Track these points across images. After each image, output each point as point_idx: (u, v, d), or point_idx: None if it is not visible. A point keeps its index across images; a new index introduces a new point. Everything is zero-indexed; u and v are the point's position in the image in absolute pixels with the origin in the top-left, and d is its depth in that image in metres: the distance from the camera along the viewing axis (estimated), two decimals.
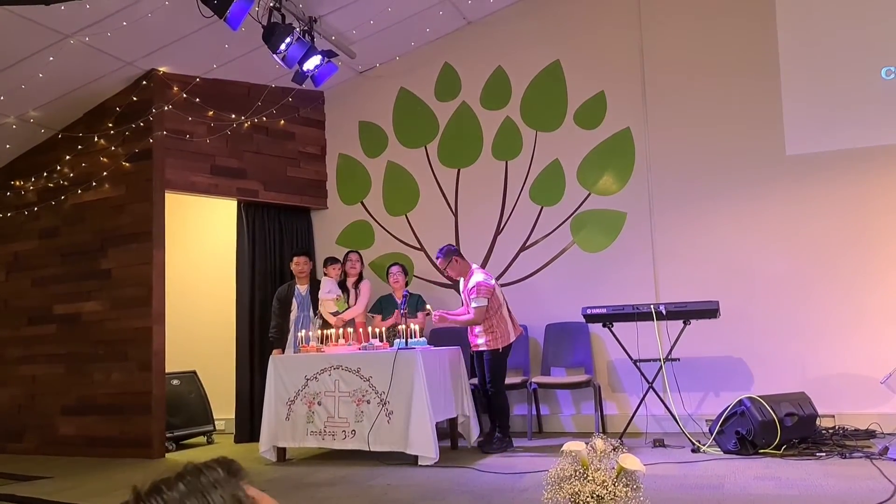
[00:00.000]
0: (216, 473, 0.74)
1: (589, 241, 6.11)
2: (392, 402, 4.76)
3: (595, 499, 2.62)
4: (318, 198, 7.00)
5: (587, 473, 2.67)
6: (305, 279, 6.21)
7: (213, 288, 7.18)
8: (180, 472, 0.74)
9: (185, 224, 7.32)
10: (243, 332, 6.48)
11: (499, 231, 6.42)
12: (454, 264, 5.41)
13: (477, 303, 5.21)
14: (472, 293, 5.23)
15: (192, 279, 7.33)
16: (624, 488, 2.63)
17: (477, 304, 5.21)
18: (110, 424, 5.82)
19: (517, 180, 6.39)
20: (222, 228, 7.15)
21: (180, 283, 7.03)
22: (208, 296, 7.22)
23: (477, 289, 5.21)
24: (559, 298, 6.09)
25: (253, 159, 6.54)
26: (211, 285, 7.23)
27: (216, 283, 7.13)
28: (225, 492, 0.72)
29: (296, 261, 6.20)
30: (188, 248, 7.41)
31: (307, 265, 6.21)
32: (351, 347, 5.21)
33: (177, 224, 6.81)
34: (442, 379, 5.02)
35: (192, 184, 6.14)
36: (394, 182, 6.82)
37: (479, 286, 5.23)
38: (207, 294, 7.23)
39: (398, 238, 6.75)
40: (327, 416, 4.94)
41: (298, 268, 6.18)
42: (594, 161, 6.14)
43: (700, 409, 5.57)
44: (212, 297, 7.17)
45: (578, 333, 5.96)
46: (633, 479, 2.68)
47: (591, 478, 2.65)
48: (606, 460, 2.70)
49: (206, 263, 7.37)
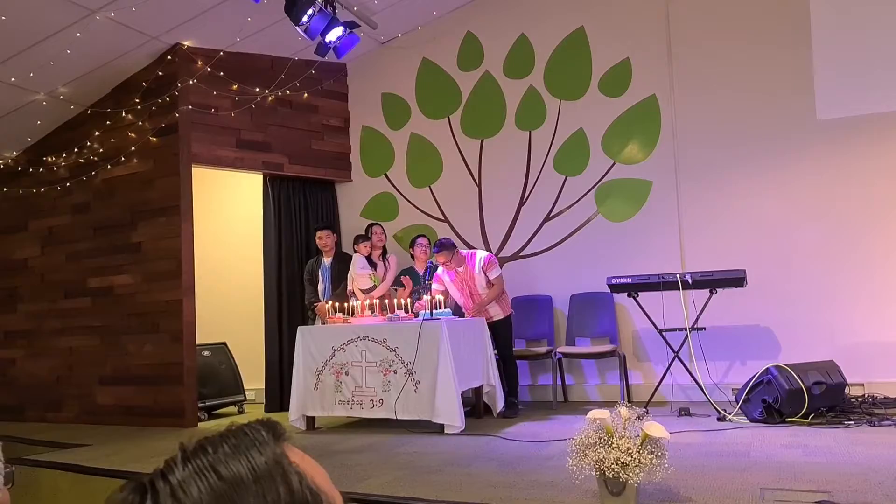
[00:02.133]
0: (260, 435, 0.74)
1: (614, 211, 6.07)
2: (418, 372, 4.79)
3: (620, 465, 2.61)
4: (342, 170, 7.02)
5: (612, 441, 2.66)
6: (331, 252, 6.27)
7: (241, 261, 7.25)
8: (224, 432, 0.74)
9: (211, 198, 7.38)
10: (271, 304, 6.54)
11: (522, 201, 6.40)
12: (457, 256, 5.44)
13: (496, 272, 5.44)
14: (489, 268, 5.40)
15: (220, 252, 7.41)
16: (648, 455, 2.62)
17: (499, 272, 5.45)
18: (145, 394, 5.94)
19: (541, 150, 6.35)
20: (248, 202, 7.20)
21: (209, 257, 7.10)
22: (236, 269, 7.30)
23: (490, 261, 5.42)
24: (584, 268, 6.07)
25: (277, 133, 6.55)
26: (238, 258, 7.30)
27: (244, 257, 7.20)
28: (267, 454, 0.72)
29: (319, 235, 6.26)
30: (215, 221, 7.48)
31: (330, 238, 6.25)
32: (376, 318, 5.24)
33: (204, 198, 6.86)
34: (467, 349, 5.04)
35: (218, 158, 6.18)
36: (417, 154, 6.82)
37: (490, 259, 5.44)
38: (235, 267, 7.31)
39: (422, 210, 6.76)
40: (355, 385, 5.00)
41: (322, 241, 6.24)
42: (619, 129, 6.07)
43: (726, 378, 5.54)
44: (240, 270, 7.25)
45: (603, 303, 5.95)
46: (658, 446, 2.67)
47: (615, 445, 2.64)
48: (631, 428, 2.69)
49: (233, 237, 7.44)
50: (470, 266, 5.47)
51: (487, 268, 5.41)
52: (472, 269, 5.46)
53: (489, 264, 5.43)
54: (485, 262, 5.43)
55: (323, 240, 6.24)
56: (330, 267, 6.26)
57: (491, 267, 5.43)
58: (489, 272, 5.42)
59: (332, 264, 6.26)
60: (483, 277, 5.45)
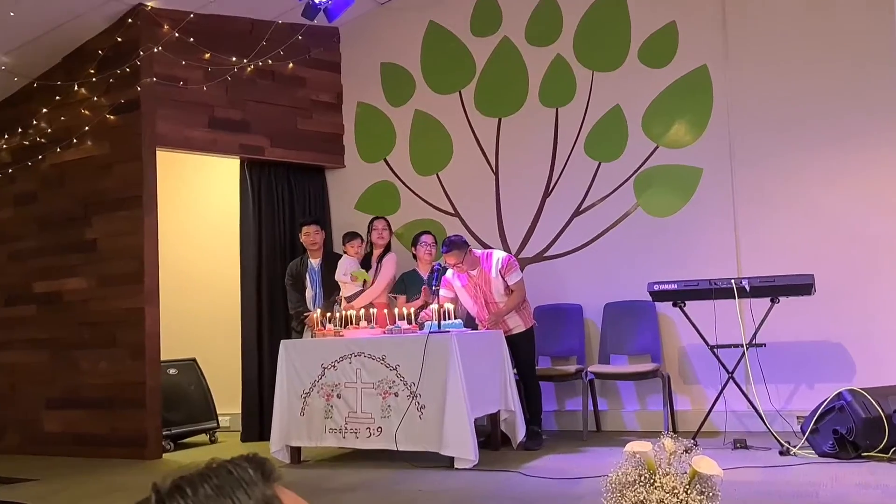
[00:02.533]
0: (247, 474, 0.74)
1: (656, 204, 6.07)
2: (424, 395, 4.81)
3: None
4: (333, 155, 7.04)
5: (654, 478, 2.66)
6: (318, 251, 6.30)
7: (214, 262, 7.28)
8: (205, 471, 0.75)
9: (179, 187, 7.40)
10: (249, 314, 6.58)
11: (548, 192, 6.41)
12: (470, 257, 5.45)
13: (517, 276, 5.46)
14: (508, 271, 5.41)
15: (190, 252, 7.43)
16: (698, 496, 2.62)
17: (519, 276, 5.47)
18: (100, 420, 5.98)
19: (570, 131, 6.35)
20: (223, 192, 7.22)
21: (176, 257, 7.13)
22: (208, 271, 7.33)
23: (509, 264, 5.44)
24: (620, 272, 6.07)
25: (257, 110, 6.58)
26: (211, 259, 7.33)
27: (217, 256, 7.23)
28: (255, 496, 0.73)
29: (305, 231, 6.29)
30: (184, 215, 7.50)
31: (318, 235, 6.30)
32: (374, 331, 5.26)
33: (170, 187, 6.89)
34: (481, 368, 5.06)
35: (188, 139, 6.21)
36: (423, 135, 6.83)
37: (510, 260, 5.47)
38: (207, 269, 7.34)
39: (428, 202, 6.78)
40: (348, 410, 5.02)
41: (309, 239, 6.27)
42: (663, 106, 6.08)
43: (790, 404, 5.55)
44: (212, 272, 7.28)
45: (644, 314, 5.95)
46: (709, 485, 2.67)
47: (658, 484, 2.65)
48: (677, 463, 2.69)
49: (205, 233, 7.47)
50: (485, 269, 5.50)
51: (506, 271, 5.45)
52: (488, 272, 5.49)
53: (508, 267, 5.46)
54: (503, 265, 5.46)
55: (310, 237, 6.27)
56: (319, 269, 6.28)
57: (510, 270, 5.46)
58: (508, 276, 5.45)
59: (321, 266, 6.29)
60: (500, 282, 5.48)
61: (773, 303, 5.05)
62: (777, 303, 5.05)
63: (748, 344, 5.04)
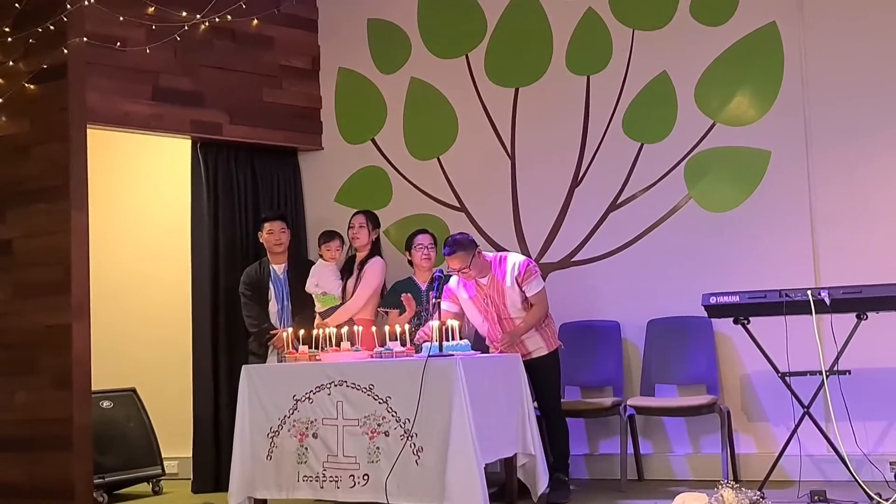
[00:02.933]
0: None
1: (712, 196, 6.05)
2: (421, 435, 4.77)
3: None
4: (308, 134, 7.02)
5: None
6: (282, 255, 6.31)
7: (160, 268, 7.27)
8: None
9: (116, 175, 7.38)
10: (203, 333, 6.55)
11: (577, 181, 6.38)
12: (478, 260, 5.45)
13: (537, 286, 5.47)
14: (527, 279, 5.42)
15: (129, 256, 7.41)
16: None
17: (540, 287, 5.48)
18: (15, 465, 5.89)
19: (604, 104, 6.33)
20: (171, 181, 7.20)
21: (111, 262, 7.10)
22: (153, 280, 7.31)
23: (527, 270, 5.46)
24: (668, 281, 6.07)
25: (213, 78, 6.55)
26: (156, 265, 7.31)
27: (164, 262, 7.22)
28: None
29: (267, 228, 6.31)
30: (122, 210, 7.47)
31: (284, 234, 6.30)
32: (359, 354, 5.22)
33: (105, 175, 6.85)
34: (494, 401, 5.01)
35: (126, 115, 6.17)
36: (420, 109, 6.82)
37: (528, 266, 5.48)
38: (151, 277, 7.32)
39: (427, 193, 6.77)
40: (327, 453, 4.97)
41: (272, 238, 6.28)
42: (721, 74, 6.06)
43: (880, 446, 5.54)
44: (158, 281, 7.26)
45: (697, 333, 5.94)
46: None
47: None
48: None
49: (148, 233, 7.45)
50: (498, 276, 5.48)
51: (523, 279, 5.44)
52: (501, 280, 5.47)
53: (526, 274, 5.44)
54: (519, 271, 5.44)
55: (274, 235, 6.27)
56: (286, 277, 6.29)
57: (529, 277, 5.44)
58: (526, 285, 5.44)
59: (287, 273, 6.29)
60: (517, 293, 5.46)
61: (859, 319, 5.02)
62: (865, 319, 5.02)
63: (829, 371, 5.01)
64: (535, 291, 5.45)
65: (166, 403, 6.70)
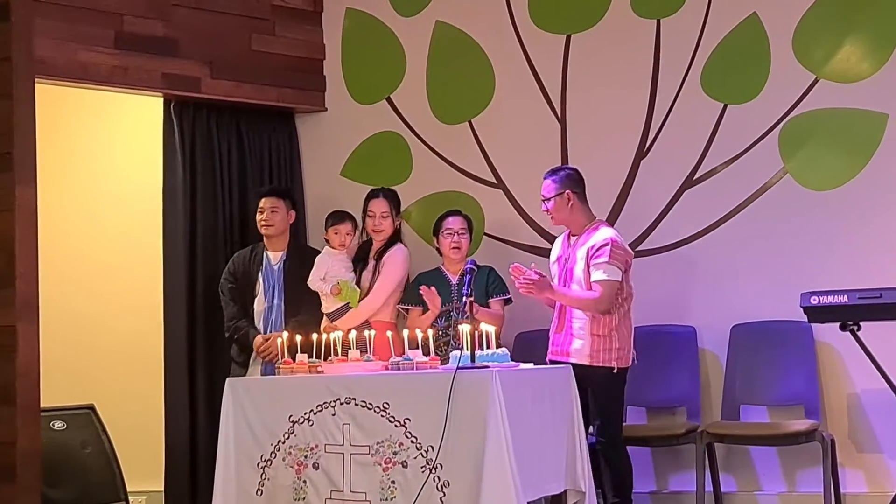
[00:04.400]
0: None
1: (814, 169, 6.05)
2: (447, 467, 4.75)
3: None
4: (308, 91, 7.07)
5: None
6: (279, 240, 6.37)
7: (124, 257, 7.32)
8: None
9: (71, 141, 7.43)
10: (177, 337, 6.60)
11: (643, 151, 6.40)
12: (564, 202, 5.52)
13: (608, 273, 5.36)
14: (600, 255, 5.36)
15: (87, 241, 7.47)
16: None
17: (608, 276, 5.36)
18: None
19: (679, 56, 6.33)
20: (138, 148, 7.25)
21: (65, 249, 7.15)
22: (116, 271, 7.36)
23: (611, 249, 5.37)
24: (757, 277, 6.07)
25: (190, 21, 6.61)
26: (120, 252, 7.36)
27: (129, 248, 7.28)
28: None
29: (261, 206, 6.34)
30: (78, 184, 7.52)
31: (276, 213, 6.33)
32: (370, 365, 5.23)
33: (57, 141, 6.89)
34: (539, 424, 5.00)
35: (83, 67, 6.22)
36: (448, 61, 6.86)
37: (613, 244, 5.39)
38: (114, 267, 7.37)
39: (455, 165, 6.80)
40: (331, 488, 4.97)
41: (266, 219, 6.32)
42: (826, 17, 6.03)
43: None
44: (122, 272, 7.32)
45: (794, 342, 5.93)
46: None
47: None
48: None
49: (110, 212, 7.49)
50: (581, 242, 5.54)
51: (594, 255, 5.40)
52: (578, 247, 5.53)
53: (600, 252, 5.38)
54: (597, 245, 5.41)
55: (263, 214, 6.32)
56: (281, 268, 6.32)
57: (601, 257, 5.37)
58: (593, 263, 5.39)
59: (284, 263, 6.33)
60: (583, 271, 5.45)
61: None
62: None
63: None
64: (598, 279, 5.33)
65: (132, 424, 6.73)
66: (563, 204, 5.53)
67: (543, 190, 5.61)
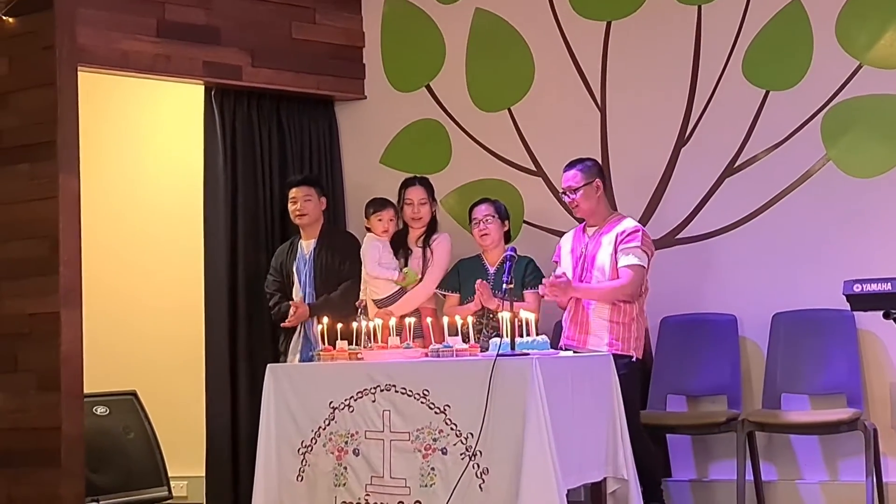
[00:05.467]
0: None
1: (857, 157, 6.01)
2: (487, 454, 4.77)
3: None
4: (348, 79, 7.07)
5: None
6: (312, 228, 6.39)
7: (166, 244, 7.36)
8: None
9: (112, 130, 7.47)
10: (218, 324, 6.62)
11: (684, 139, 6.38)
12: (594, 191, 5.56)
13: (639, 258, 5.45)
14: (631, 240, 5.45)
15: (129, 229, 7.51)
16: None
17: (639, 261, 5.45)
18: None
19: (720, 41, 6.31)
20: (179, 135, 7.28)
21: (107, 237, 7.20)
22: (158, 259, 7.39)
23: (634, 233, 5.48)
24: (799, 264, 6.05)
25: (232, 10, 6.62)
26: (162, 240, 7.40)
27: (170, 236, 7.31)
28: None
29: (293, 196, 6.36)
30: (120, 172, 7.56)
31: (308, 202, 6.33)
32: (410, 352, 5.24)
33: (99, 130, 6.93)
34: (579, 411, 5.00)
35: (125, 56, 6.23)
36: (488, 48, 6.85)
37: (641, 232, 5.48)
38: (156, 255, 7.41)
39: (494, 152, 6.80)
40: (371, 474, 5.00)
41: (295, 208, 6.34)
42: (866, 4, 5.99)
43: None
44: (164, 260, 7.35)
45: (836, 331, 5.89)
46: None
47: None
48: None
49: (152, 200, 7.53)
50: (604, 232, 5.58)
51: (624, 241, 5.47)
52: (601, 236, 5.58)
53: (630, 237, 5.46)
54: (626, 232, 5.48)
55: (296, 204, 6.33)
56: (313, 256, 6.34)
57: (631, 242, 5.45)
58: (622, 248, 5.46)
59: (316, 251, 6.34)
60: (610, 258, 5.49)
61: None
62: None
63: None
64: (629, 262, 5.41)
65: (173, 410, 6.79)
66: (593, 193, 5.58)
67: (569, 181, 5.62)
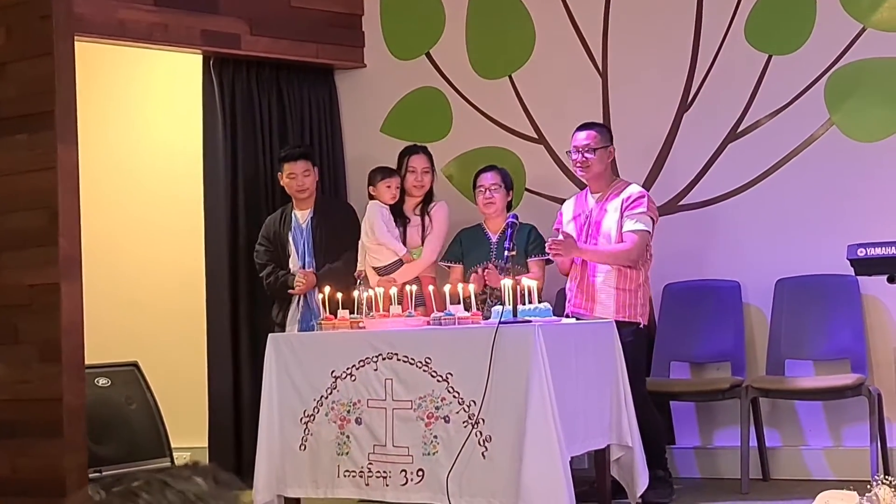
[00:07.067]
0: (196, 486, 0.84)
1: (861, 121, 6.02)
2: (490, 421, 4.80)
3: None
4: (347, 47, 7.06)
5: None
6: (307, 199, 6.39)
7: (166, 215, 7.38)
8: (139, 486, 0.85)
9: (110, 99, 7.48)
10: (219, 292, 6.66)
11: (686, 104, 6.37)
12: (607, 155, 5.63)
13: (645, 223, 5.48)
14: (637, 205, 5.48)
15: (128, 199, 7.52)
16: None
17: (645, 226, 5.49)
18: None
19: (722, 5, 6.29)
20: (178, 105, 7.29)
21: (106, 207, 7.20)
22: (158, 227, 7.41)
23: (641, 198, 5.52)
24: (802, 230, 6.07)
25: None
26: (162, 210, 7.42)
27: (170, 207, 7.33)
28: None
29: (288, 171, 6.37)
30: (118, 142, 7.56)
31: (308, 177, 6.35)
32: (412, 320, 5.26)
33: (96, 99, 6.92)
34: (582, 379, 5.05)
35: (123, 24, 6.22)
36: (488, 14, 6.83)
37: (647, 197, 5.52)
38: (156, 226, 7.42)
39: (495, 120, 6.79)
40: (374, 443, 5.03)
41: (294, 184, 6.35)
42: None
43: None
44: (164, 230, 7.37)
45: (840, 296, 5.92)
46: None
47: None
48: None
49: (151, 170, 7.54)
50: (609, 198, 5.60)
51: (630, 206, 5.51)
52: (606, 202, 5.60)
53: (636, 202, 5.50)
54: (632, 197, 5.52)
55: (297, 180, 6.34)
56: (311, 226, 6.35)
57: (637, 207, 5.50)
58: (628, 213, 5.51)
59: (315, 221, 6.36)
60: (615, 223, 5.53)
61: None
62: None
63: None
64: (634, 228, 5.46)
65: (175, 381, 6.80)
66: (606, 157, 5.63)
67: (586, 139, 5.64)
